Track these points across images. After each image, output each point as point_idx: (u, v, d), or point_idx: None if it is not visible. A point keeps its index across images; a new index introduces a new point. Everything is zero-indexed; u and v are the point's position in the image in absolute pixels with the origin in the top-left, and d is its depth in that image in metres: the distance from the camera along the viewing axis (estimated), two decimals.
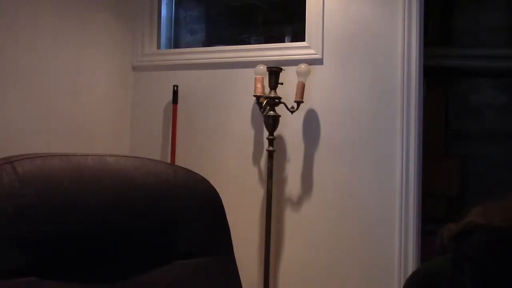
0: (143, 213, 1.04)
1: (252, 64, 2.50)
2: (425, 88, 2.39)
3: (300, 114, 2.46)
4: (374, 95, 2.35)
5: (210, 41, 3.08)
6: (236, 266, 1.16)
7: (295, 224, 2.49)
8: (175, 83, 2.73)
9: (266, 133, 2.47)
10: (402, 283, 2.23)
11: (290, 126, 2.49)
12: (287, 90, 2.43)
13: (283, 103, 2.43)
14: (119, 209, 1.01)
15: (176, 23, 3.07)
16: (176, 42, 3.07)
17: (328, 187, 2.42)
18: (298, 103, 2.39)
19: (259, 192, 2.54)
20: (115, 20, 2.80)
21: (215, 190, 1.16)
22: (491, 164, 3.59)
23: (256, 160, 2.59)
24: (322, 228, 2.43)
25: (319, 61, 2.45)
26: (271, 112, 2.42)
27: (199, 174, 1.15)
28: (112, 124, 2.81)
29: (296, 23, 2.61)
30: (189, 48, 2.93)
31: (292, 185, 2.50)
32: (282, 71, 2.44)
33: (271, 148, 2.43)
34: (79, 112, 2.60)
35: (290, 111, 2.42)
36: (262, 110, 2.46)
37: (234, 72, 2.64)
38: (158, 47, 2.94)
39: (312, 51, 2.45)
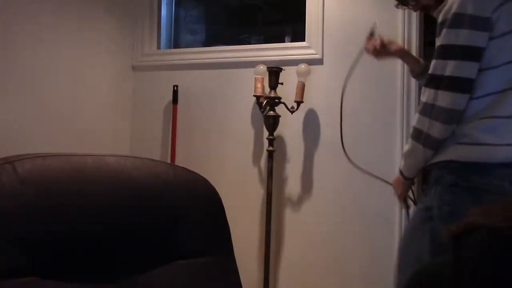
0: (143, 213, 1.04)
1: (252, 64, 2.50)
2: None
3: (300, 114, 2.46)
4: (374, 95, 2.35)
5: (210, 41, 3.08)
6: (236, 266, 1.16)
7: (295, 224, 2.49)
8: (175, 83, 2.74)
9: (266, 133, 2.47)
10: None
11: (290, 126, 2.49)
12: (287, 90, 2.43)
13: (283, 103, 2.43)
14: (119, 209, 1.01)
15: (176, 23, 3.07)
16: (176, 42, 3.07)
17: (328, 187, 2.42)
18: (298, 103, 2.39)
19: (259, 192, 2.54)
20: (115, 20, 2.80)
21: (215, 190, 1.15)
22: None
23: (256, 160, 2.59)
24: (322, 228, 2.43)
25: (319, 61, 2.45)
26: (271, 112, 2.42)
27: (199, 174, 1.15)
28: (112, 124, 2.81)
29: (296, 23, 2.61)
30: (189, 48, 2.94)
31: (292, 185, 2.50)
32: (282, 71, 2.44)
33: (271, 148, 2.43)
34: (79, 112, 2.60)
35: (290, 111, 2.42)
36: (262, 110, 2.46)
37: (234, 72, 2.64)
38: (158, 47, 2.94)
39: (312, 51, 2.45)
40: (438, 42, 1.48)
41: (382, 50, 1.87)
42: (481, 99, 1.44)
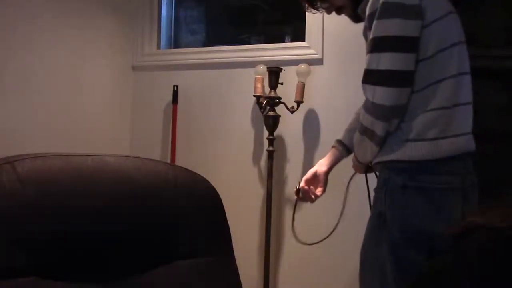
0: (143, 213, 1.04)
1: (252, 64, 2.50)
2: None
3: (300, 114, 2.46)
4: None
5: (210, 41, 3.08)
6: (236, 266, 1.16)
7: (295, 224, 2.48)
8: (175, 83, 2.73)
9: (266, 133, 2.47)
10: None
11: (290, 126, 2.49)
12: (287, 90, 2.42)
13: (283, 103, 2.43)
14: (119, 209, 1.01)
15: (176, 23, 3.07)
16: (176, 42, 3.07)
17: (327, 187, 2.42)
18: (298, 103, 2.39)
19: (259, 192, 2.54)
20: (115, 20, 2.80)
21: (215, 190, 1.15)
22: (490, 164, 3.58)
23: (256, 160, 2.58)
24: (322, 228, 2.42)
25: (319, 61, 2.44)
26: (271, 112, 2.42)
27: (199, 174, 1.15)
28: (112, 124, 2.81)
29: (296, 23, 2.61)
30: (189, 48, 2.94)
31: (292, 185, 2.50)
32: (282, 71, 2.44)
33: (271, 148, 2.43)
34: (79, 112, 2.60)
35: (290, 111, 2.42)
36: (262, 110, 2.46)
37: (234, 72, 2.64)
38: (158, 47, 2.94)
39: (312, 51, 2.45)
40: (370, 35, 1.38)
41: (312, 191, 1.86)
42: (422, 91, 1.36)
